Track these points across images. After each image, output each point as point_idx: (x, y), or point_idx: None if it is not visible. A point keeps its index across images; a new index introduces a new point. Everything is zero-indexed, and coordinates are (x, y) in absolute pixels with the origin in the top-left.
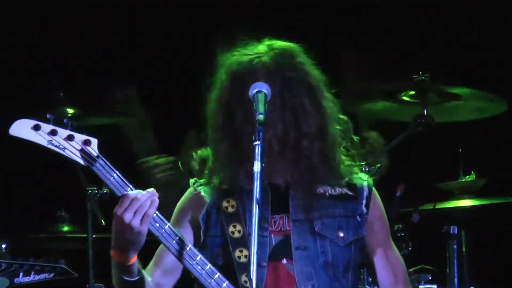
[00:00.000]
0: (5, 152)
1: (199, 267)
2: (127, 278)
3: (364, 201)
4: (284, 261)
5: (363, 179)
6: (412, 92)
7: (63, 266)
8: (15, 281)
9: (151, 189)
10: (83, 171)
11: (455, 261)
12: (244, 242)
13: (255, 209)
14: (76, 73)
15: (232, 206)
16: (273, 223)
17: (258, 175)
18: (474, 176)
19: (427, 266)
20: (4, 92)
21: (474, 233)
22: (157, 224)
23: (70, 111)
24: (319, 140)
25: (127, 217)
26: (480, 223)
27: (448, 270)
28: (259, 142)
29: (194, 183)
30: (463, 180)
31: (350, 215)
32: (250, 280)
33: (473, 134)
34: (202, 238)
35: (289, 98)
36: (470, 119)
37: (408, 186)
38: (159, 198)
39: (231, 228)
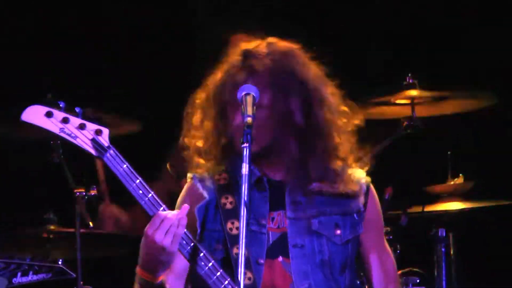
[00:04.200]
0: None
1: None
2: None
3: (362, 199)
4: (280, 258)
5: (361, 176)
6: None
7: (62, 266)
8: (13, 281)
9: (181, 209)
10: (71, 173)
11: (443, 263)
12: None
13: (243, 211)
14: (65, 74)
15: (231, 203)
16: (271, 219)
17: (247, 178)
18: (462, 178)
19: (415, 269)
20: None
21: (462, 235)
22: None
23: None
24: (318, 138)
25: (158, 237)
26: (468, 226)
27: (436, 272)
28: (247, 145)
29: (192, 178)
30: (451, 182)
31: (348, 213)
32: (239, 279)
33: (461, 136)
34: (199, 230)
35: (286, 101)
36: (460, 112)
37: (396, 189)
38: None
39: (229, 225)
